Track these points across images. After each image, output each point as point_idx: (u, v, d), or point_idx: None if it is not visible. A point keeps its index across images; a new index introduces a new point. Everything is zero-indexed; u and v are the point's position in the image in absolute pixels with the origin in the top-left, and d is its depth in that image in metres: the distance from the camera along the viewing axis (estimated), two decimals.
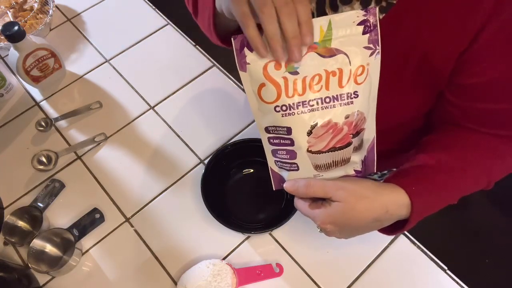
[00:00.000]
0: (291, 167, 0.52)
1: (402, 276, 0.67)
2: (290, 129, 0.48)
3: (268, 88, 0.47)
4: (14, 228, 0.72)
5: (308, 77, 0.46)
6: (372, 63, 0.46)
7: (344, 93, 0.47)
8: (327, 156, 0.50)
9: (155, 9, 1.02)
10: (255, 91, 0.48)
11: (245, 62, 0.47)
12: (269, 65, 0.46)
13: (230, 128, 0.83)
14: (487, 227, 1.59)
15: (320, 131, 0.48)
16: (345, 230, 0.51)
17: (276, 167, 0.54)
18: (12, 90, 0.89)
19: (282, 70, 0.46)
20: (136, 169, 0.79)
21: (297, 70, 0.46)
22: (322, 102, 0.47)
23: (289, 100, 0.47)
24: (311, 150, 0.49)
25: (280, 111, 0.48)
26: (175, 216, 0.74)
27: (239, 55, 0.47)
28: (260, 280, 0.66)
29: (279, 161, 0.53)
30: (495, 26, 0.44)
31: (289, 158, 0.51)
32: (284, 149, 0.51)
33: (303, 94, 0.47)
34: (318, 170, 0.51)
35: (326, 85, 0.46)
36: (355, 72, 0.46)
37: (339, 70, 0.46)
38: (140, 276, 0.69)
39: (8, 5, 0.97)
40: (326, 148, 0.49)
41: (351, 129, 0.48)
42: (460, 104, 0.55)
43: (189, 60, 0.92)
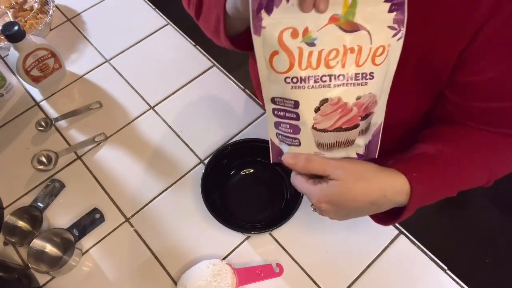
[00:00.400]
0: (292, 141, 0.50)
1: (402, 276, 0.67)
2: (297, 103, 0.46)
3: (281, 57, 0.44)
4: (14, 228, 0.72)
5: (325, 50, 0.43)
6: (394, 45, 0.44)
7: (360, 73, 0.44)
8: (332, 136, 0.48)
9: (155, 9, 1.02)
10: (267, 59, 0.45)
11: (261, 26, 0.43)
12: (285, 32, 0.43)
13: (230, 128, 0.83)
14: (487, 227, 1.59)
15: (328, 109, 0.45)
16: (340, 210, 0.50)
17: (277, 139, 0.52)
18: (12, 90, 0.89)
19: (298, 39, 0.43)
20: (136, 169, 0.79)
21: (314, 41, 0.43)
22: (335, 79, 0.44)
23: (301, 72, 0.44)
24: (316, 128, 0.47)
25: (290, 83, 0.45)
26: (175, 216, 0.74)
27: (255, 17, 0.43)
28: (260, 280, 0.66)
29: (281, 134, 0.51)
30: (495, 24, 0.45)
31: (292, 133, 0.49)
32: (288, 123, 0.48)
33: (317, 68, 0.44)
34: (320, 148, 0.49)
35: (342, 62, 0.44)
36: (374, 52, 0.43)
37: (359, 47, 0.43)
38: (140, 276, 0.69)
39: (8, 5, 0.97)
40: (332, 128, 0.47)
41: (360, 111, 0.46)
42: (460, 103, 0.55)
43: (189, 60, 0.92)
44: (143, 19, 0.99)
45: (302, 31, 0.43)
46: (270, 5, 0.42)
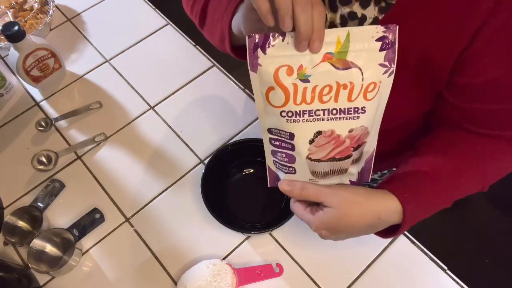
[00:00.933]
0: (288, 170, 0.52)
1: (402, 276, 0.67)
2: (293, 135, 0.48)
3: (276, 93, 0.46)
4: (14, 228, 0.72)
5: (319, 86, 0.45)
6: (384, 81, 0.46)
7: (352, 108, 0.46)
8: (326, 165, 0.50)
9: (155, 9, 1.02)
10: (263, 93, 0.48)
11: (257, 64, 0.46)
12: (281, 69, 0.45)
13: (230, 128, 0.83)
14: (487, 227, 1.59)
15: (322, 140, 0.48)
16: (338, 234, 0.52)
17: (273, 166, 0.55)
18: (12, 90, 0.89)
19: (293, 76, 0.45)
20: (136, 169, 0.79)
21: (308, 78, 0.45)
22: (328, 113, 0.47)
23: (296, 107, 0.47)
24: (311, 158, 0.49)
25: (286, 117, 0.48)
26: (175, 216, 0.74)
27: (251, 55, 0.46)
28: (260, 280, 0.66)
29: (277, 162, 0.53)
30: (494, 26, 0.44)
31: (288, 162, 0.51)
32: (284, 152, 0.51)
33: (311, 103, 0.46)
34: (315, 176, 0.52)
35: (335, 97, 0.46)
36: (366, 88, 0.45)
37: (351, 83, 0.45)
38: (140, 276, 0.69)
39: (8, 5, 0.97)
40: (325, 158, 0.49)
41: (353, 142, 0.48)
42: (459, 104, 0.55)
43: (189, 60, 0.92)
44: (143, 19, 0.99)
45: (297, 68, 0.45)
46: (265, 45, 0.44)
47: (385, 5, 0.49)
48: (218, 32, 0.58)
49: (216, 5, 0.59)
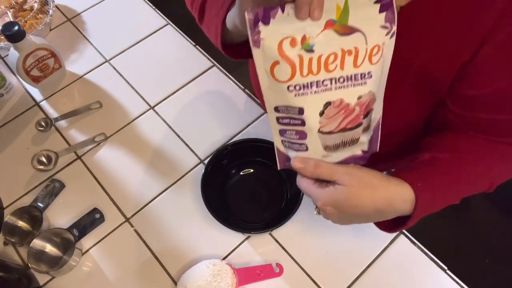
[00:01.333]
0: (300, 147, 0.51)
1: (402, 276, 0.67)
2: (302, 109, 0.47)
3: (282, 67, 0.45)
4: (14, 228, 0.72)
5: (324, 55, 0.44)
6: (387, 43, 0.45)
7: (359, 73, 0.45)
8: (337, 137, 0.49)
9: (155, 9, 1.02)
10: (268, 70, 0.46)
11: (259, 38, 0.44)
12: (284, 41, 0.44)
13: (230, 128, 0.83)
14: (487, 227, 1.59)
15: (332, 111, 0.47)
16: (344, 215, 0.51)
17: (282, 146, 0.53)
18: (12, 90, 0.89)
19: (297, 47, 0.44)
20: (136, 169, 0.79)
21: (313, 48, 0.44)
22: (336, 81, 0.46)
23: (303, 79, 0.45)
24: (322, 131, 0.48)
25: (294, 91, 0.46)
26: (175, 216, 0.74)
27: (253, 31, 0.44)
28: (260, 280, 0.66)
29: (287, 141, 0.52)
30: (498, 39, 0.45)
31: (299, 139, 0.50)
32: (294, 129, 0.50)
33: (318, 74, 0.45)
34: (328, 150, 0.51)
35: (341, 65, 0.45)
36: (370, 52, 0.45)
37: (355, 49, 0.44)
38: (140, 276, 0.69)
39: (8, 5, 0.97)
40: (337, 129, 0.48)
41: (362, 109, 0.48)
42: (461, 113, 0.55)
43: (189, 60, 0.92)
44: (143, 19, 0.99)
45: (301, 38, 0.44)
46: (267, 17, 0.43)
47: None
48: (213, 28, 0.58)
49: (213, 1, 0.59)
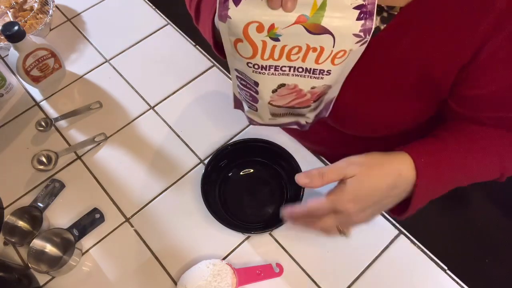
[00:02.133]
0: (251, 106, 0.57)
1: (402, 276, 0.67)
2: (257, 83, 0.50)
3: (244, 45, 0.45)
4: (14, 228, 0.72)
5: (288, 46, 0.44)
6: (355, 49, 0.44)
7: (318, 69, 0.47)
8: (285, 110, 0.55)
9: (155, 9, 1.02)
10: (232, 41, 0.46)
11: (226, 15, 0.43)
12: (251, 25, 0.43)
13: (230, 128, 0.83)
14: (487, 227, 1.59)
15: (284, 91, 0.50)
16: (366, 204, 0.50)
17: (239, 95, 0.59)
18: (12, 90, 0.89)
19: (263, 33, 0.43)
20: (136, 169, 0.79)
21: (279, 37, 0.43)
22: (294, 70, 0.47)
23: (262, 61, 0.46)
24: (272, 103, 0.53)
25: (252, 68, 0.48)
26: (175, 216, 0.74)
27: (221, 5, 0.43)
28: (260, 280, 0.66)
29: (243, 96, 0.57)
30: (499, 39, 0.45)
31: (251, 100, 0.55)
32: (249, 92, 0.54)
33: (278, 60, 0.46)
34: (274, 116, 0.57)
35: (303, 58, 0.45)
36: (335, 54, 0.45)
37: (321, 48, 0.44)
38: (140, 276, 0.69)
39: (8, 5, 0.97)
40: (285, 105, 0.53)
41: (314, 97, 0.51)
42: (465, 113, 0.55)
43: (189, 60, 0.92)
44: (143, 19, 0.99)
45: (268, 27, 0.43)
46: None
47: (387, 15, 0.49)
48: (207, 28, 0.58)
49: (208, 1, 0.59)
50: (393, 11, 0.48)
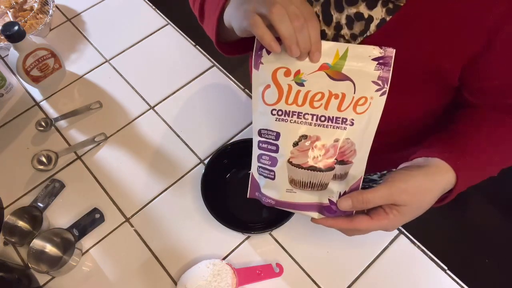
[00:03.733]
0: (269, 174, 0.53)
1: (402, 276, 0.67)
2: (279, 135, 0.50)
3: (271, 90, 0.49)
4: (14, 228, 0.72)
5: (312, 92, 0.48)
6: (376, 99, 0.47)
7: (340, 117, 0.48)
8: (305, 174, 0.50)
9: (155, 9, 1.02)
10: (260, 92, 0.50)
11: (260, 62, 0.49)
12: (279, 70, 0.48)
13: (230, 128, 0.83)
14: (487, 227, 1.59)
15: (306, 145, 0.49)
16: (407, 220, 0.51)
17: (257, 173, 0.55)
18: (12, 90, 0.89)
19: (290, 77, 0.48)
20: (136, 169, 0.79)
21: (303, 82, 0.48)
22: (317, 119, 0.48)
23: (286, 106, 0.48)
24: (292, 162, 0.50)
25: (276, 115, 0.49)
26: (175, 216, 0.74)
27: (256, 54, 0.49)
28: (260, 280, 0.66)
29: (261, 166, 0.54)
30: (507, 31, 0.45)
31: (270, 165, 0.52)
32: (268, 155, 0.52)
33: (302, 106, 0.48)
34: (293, 185, 0.51)
35: (326, 105, 0.48)
36: (357, 101, 0.47)
37: (342, 94, 0.47)
38: (140, 276, 0.69)
39: (8, 5, 0.97)
40: (306, 165, 0.49)
41: (336, 153, 0.49)
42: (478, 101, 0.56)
43: (189, 60, 0.92)
44: (143, 19, 0.99)
45: (294, 72, 0.48)
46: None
47: (393, 6, 0.49)
48: (211, 26, 0.58)
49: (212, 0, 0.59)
50: (399, 2, 0.48)
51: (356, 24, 0.52)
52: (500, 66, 0.49)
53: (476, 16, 0.45)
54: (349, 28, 0.52)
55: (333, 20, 0.53)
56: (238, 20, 0.47)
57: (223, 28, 0.55)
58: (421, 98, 0.59)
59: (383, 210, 0.49)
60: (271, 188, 0.53)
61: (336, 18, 0.53)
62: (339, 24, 0.53)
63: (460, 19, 0.46)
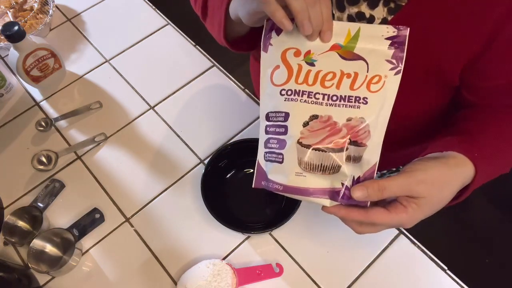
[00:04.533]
0: (276, 157, 0.49)
1: (402, 276, 0.67)
2: (288, 115, 0.47)
3: (281, 70, 0.47)
4: (14, 228, 0.72)
5: (323, 71, 0.46)
6: (391, 78, 0.46)
7: (353, 96, 0.46)
8: (316, 155, 0.46)
9: (155, 9, 1.02)
10: (269, 74, 0.48)
11: (269, 43, 0.48)
12: (289, 50, 0.47)
13: (230, 128, 0.83)
14: (487, 227, 1.59)
15: (317, 125, 0.46)
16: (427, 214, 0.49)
17: (263, 160, 0.51)
18: (12, 90, 0.89)
19: (300, 57, 0.46)
20: (136, 169, 0.79)
21: (314, 62, 0.46)
22: (328, 98, 0.46)
23: (296, 86, 0.47)
24: (301, 142, 0.46)
25: (285, 95, 0.47)
26: (175, 216, 0.74)
27: (265, 36, 0.48)
28: (260, 280, 0.66)
29: (268, 151, 0.50)
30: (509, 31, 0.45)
31: (278, 148, 0.48)
32: (276, 138, 0.49)
33: (312, 85, 0.46)
34: (302, 168, 0.47)
35: (337, 84, 0.46)
36: (370, 79, 0.45)
37: (355, 73, 0.46)
38: (140, 276, 0.69)
39: (8, 5, 0.97)
40: (317, 145, 0.46)
41: (349, 133, 0.46)
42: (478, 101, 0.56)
43: (189, 60, 0.92)
44: (143, 19, 0.99)
45: (305, 52, 0.46)
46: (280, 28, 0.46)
47: (394, 6, 0.49)
48: (216, 22, 0.58)
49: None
50: (400, 2, 0.48)
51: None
52: (500, 66, 0.49)
53: (476, 16, 0.45)
54: None
55: (334, 18, 0.53)
56: (247, 4, 0.46)
57: (229, 25, 0.55)
58: (421, 97, 0.59)
59: (400, 204, 0.46)
60: (279, 173, 0.49)
61: (338, 17, 0.53)
62: None
63: (460, 19, 0.46)
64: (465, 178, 0.49)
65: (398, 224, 0.48)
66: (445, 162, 0.48)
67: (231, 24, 0.54)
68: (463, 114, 0.59)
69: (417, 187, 0.45)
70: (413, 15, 0.48)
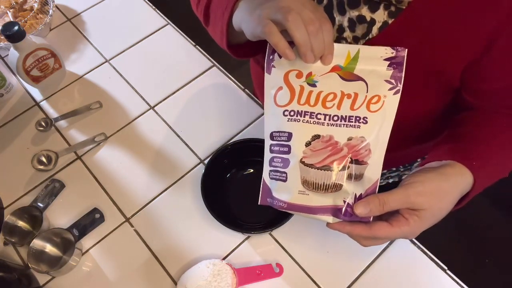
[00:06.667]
0: (280, 176, 0.51)
1: (402, 276, 0.67)
2: (291, 135, 0.49)
3: (283, 92, 0.49)
4: (14, 228, 0.72)
5: (324, 92, 0.48)
6: (390, 97, 0.47)
7: (354, 116, 0.47)
8: (318, 174, 0.48)
9: (155, 9, 1.02)
10: (272, 95, 0.50)
11: (272, 66, 0.50)
12: (291, 72, 0.49)
13: (230, 128, 0.83)
14: (487, 227, 1.59)
15: (319, 145, 0.48)
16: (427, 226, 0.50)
17: (268, 178, 0.53)
18: (12, 90, 0.89)
19: (302, 79, 0.48)
20: (136, 169, 0.79)
21: (315, 83, 0.48)
22: (329, 118, 0.48)
23: (299, 106, 0.48)
24: (304, 162, 0.48)
25: (288, 115, 0.49)
26: (175, 216, 0.74)
27: (268, 59, 0.50)
28: (260, 280, 0.66)
29: (272, 170, 0.52)
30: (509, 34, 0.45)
31: (282, 167, 0.51)
32: (280, 157, 0.51)
33: (314, 106, 0.48)
34: (305, 186, 0.49)
35: (338, 104, 0.48)
36: (370, 100, 0.47)
37: (355, 94, 0.47)
38: (140, 276, 0.69)
39: (8, 5, 0.97)
40: (319, 164, 0.48)
41: (350, 151, 0.47)
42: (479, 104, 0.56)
43: (189, 60, 0.92)
44: (143, 19, 0.99)
45: (306, 74, 0.48)
46: None
47: (395, 9, 0.49)
48: (219, 29, 0.58)
49: (218, 2, 0.59)
50: (401, 5, 0.48)
51: (358, 26, 0.52)
52: (501, 68, 0.49)
53: (477, 19, 0.45)
54: (351, 31, 0.53)
55: (335, 22, 0.53)
56: (251, 26, 0.47)
57: (232, 32, 0.55)
58: (421, 100, 0.59)
59: (402, 217, 0.47)
60: (283, 191, 0.51)
61: (339, 20, 0.53)
62: (341, 26, 0.53)
63: (461, 22, 0.46)
64: (464, 187, 0.50)
65: (401, 236, 0.48)
66: (444, 173, 0.49)
67: (234, 31, 0.55)
68: (463, 117, 0.59)
69: (417, 199, 0.46)
70: (413, 18, 0.48)
